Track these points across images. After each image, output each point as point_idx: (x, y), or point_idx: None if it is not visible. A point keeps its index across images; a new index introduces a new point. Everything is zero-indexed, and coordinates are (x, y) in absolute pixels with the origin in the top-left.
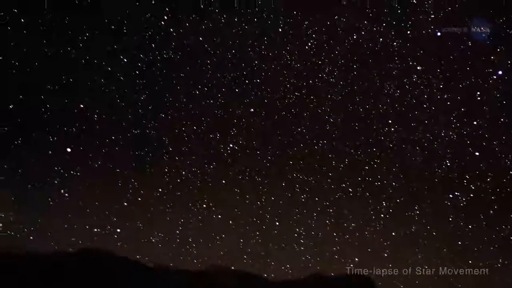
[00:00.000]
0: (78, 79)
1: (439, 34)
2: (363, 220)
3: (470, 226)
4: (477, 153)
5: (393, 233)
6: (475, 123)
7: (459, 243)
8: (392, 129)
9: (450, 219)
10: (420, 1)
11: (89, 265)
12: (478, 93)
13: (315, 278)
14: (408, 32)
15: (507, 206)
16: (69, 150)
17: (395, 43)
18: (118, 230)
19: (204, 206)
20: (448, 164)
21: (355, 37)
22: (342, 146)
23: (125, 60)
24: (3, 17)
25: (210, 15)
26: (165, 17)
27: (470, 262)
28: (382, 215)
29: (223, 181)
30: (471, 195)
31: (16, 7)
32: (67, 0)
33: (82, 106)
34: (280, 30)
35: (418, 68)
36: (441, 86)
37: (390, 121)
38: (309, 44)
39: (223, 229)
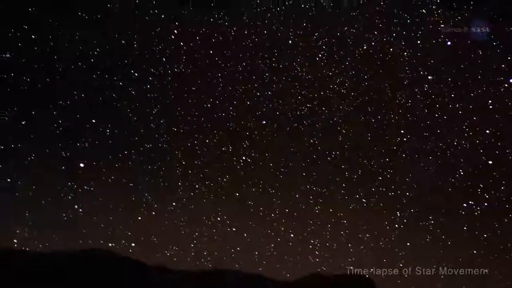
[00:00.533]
0: (90, 95)
1: (449, 43)
2: (378, 231)
3: (485, 235)
4: (490, 162)
5: (408, 243)
6: (487, 131)
7: (475, 251)
8: (405, 139)
9: (465, 228)
10: (429, 10)
11: (91, 268)
12: (490, 101)
13: (315, 278)
14: (418, 41)
15: None
16: (82, 165)
17: (405, 53)
18: (133, 245)
19: (218, 219)
20: (462, 173)
21: (365, 47)
22: (355, 156)
23: (136, 74)
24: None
25: (220, 29)
26: (175, 31)
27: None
28: (396, 225)
29: (237, 194)
30: (485, 204)
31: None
32: (76, 17)
33: (94, 121)
34: (290, 42)
35: (429, 77)
36: (453, 95)
37: (402, 131)
38: (320, 55)
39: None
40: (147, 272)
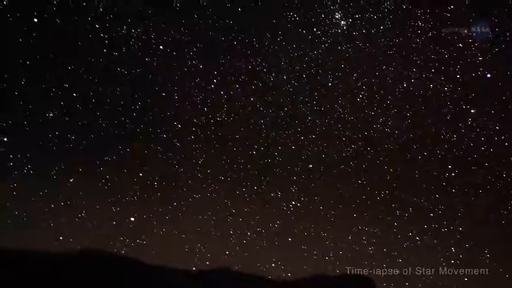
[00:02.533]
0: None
1: (489, 75)
2: (434, 269)
3: None
4: None
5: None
6: None
7: None
8: (453, 174)
9: None
10: (466, 44)
11: (91, 268)
12: None
13: (315, 278)
14: (458, 76)
15: None
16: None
17: (445, 88)
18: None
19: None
20: None
21: (405, 85)
22: (405, 195)
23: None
24: None
25: (259, 74)
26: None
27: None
28: (452, 261)
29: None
30: None
31: None
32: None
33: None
34: (329, 84)
35: (472, 111)
36: (497, 128)
37: (450, 167)
38: (360, 96)
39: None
40: (147, 272)
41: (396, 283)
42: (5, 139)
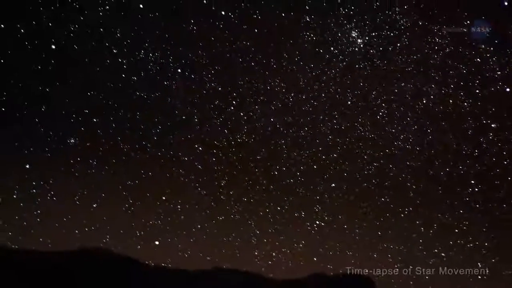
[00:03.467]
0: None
1: (508, 89)
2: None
3: None
4: None
5: None
6: None
7: None
8: (476, 189)
9: None
10: (485, 59)
11: (91, 268)
12: None
13: (315, 278)
14: (477, 91)
15: None
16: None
17: (465, 103)
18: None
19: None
20: None
21: (424, 101)
22: (429, 212)
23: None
24: None
25: (278, 95)
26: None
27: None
28: (479, 277)
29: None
30: None
31: None
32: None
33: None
34: (349, 102)
35: (493, 125)
36: None
37: (472, 182)
38: (380, 113)
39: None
40: (147, 272)
41: None
42: (27, 166)
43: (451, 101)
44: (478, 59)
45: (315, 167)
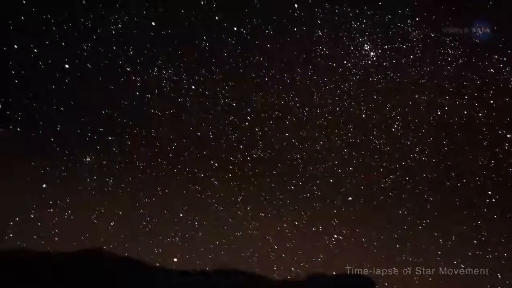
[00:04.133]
0: None
1: None
2: None
3: None
4: None
5: None
6: None
7: None
8: (493, 200)
9: None
10: (498, 69)
11: (91, 268)
12: None
13: (315, 278)
14: (491, 101)
15: None
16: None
17: (480, 114)
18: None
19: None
20: None
21: (439, 113)
22: (447, 224)
23: None
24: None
25: (292, 109)
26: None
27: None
28: None
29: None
30: None
31: None
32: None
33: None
34: (363, 116)
35: (508, 136)
36: None
37: (489, 193)
38: (395, 126)
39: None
40: (148, 272)
41: None
42: (44, 186)
43: (465, 112)
44: (491, 70)
45: (331, 181)
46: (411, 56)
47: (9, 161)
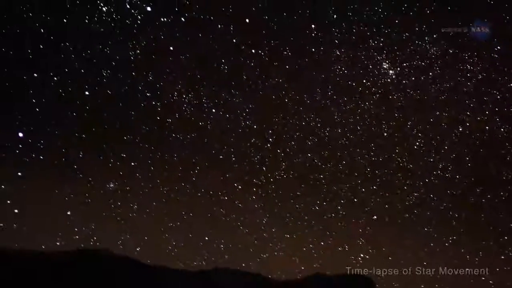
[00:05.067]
0: None
1: None
2: None
3: None
4: None
5: None
6: None
7: None
8: None
9: None
10: None
11: (90, 268)
12: None
13: (315, 278)
14: None
15: None
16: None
17: (502, 129)
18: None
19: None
20: None
21: (461, 129)
22: (473, 240)
23: None
24: None
25: (313, 130)
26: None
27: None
28: None
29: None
30: None
31: None
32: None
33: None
34: (385, 134)
35: None
36: None
37: None
38: (417, 143)
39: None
40: (147, 272)
41: None
42: (68, 213)
43: (487, 127)
44: (511, 84)
45: (355, 200)
46: (430, 73)
47: (35, 188)
